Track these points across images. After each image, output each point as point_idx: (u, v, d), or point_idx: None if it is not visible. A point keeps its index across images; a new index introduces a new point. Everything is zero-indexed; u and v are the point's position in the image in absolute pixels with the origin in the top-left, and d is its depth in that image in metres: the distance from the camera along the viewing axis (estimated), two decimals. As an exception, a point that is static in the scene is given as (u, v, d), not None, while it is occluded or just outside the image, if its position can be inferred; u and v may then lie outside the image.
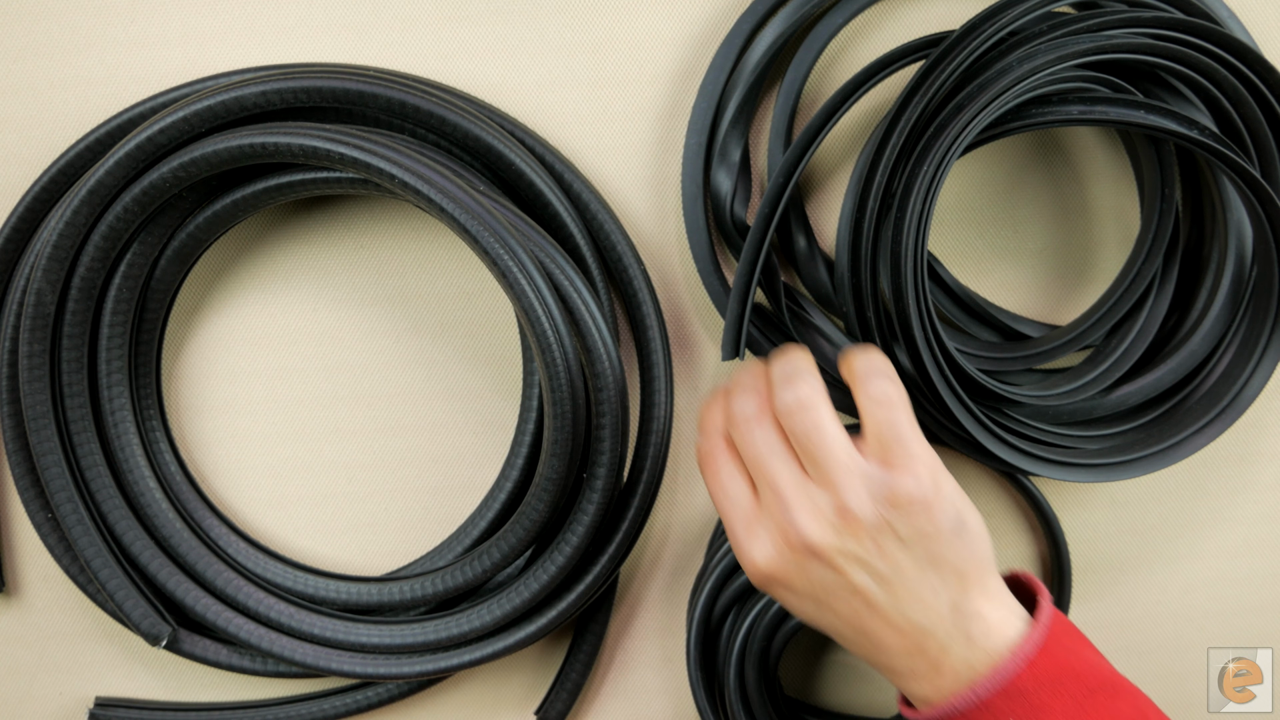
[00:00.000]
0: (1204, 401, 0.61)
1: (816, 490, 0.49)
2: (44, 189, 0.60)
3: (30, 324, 0.57)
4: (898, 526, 0.48)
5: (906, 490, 0.48)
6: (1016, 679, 0.48)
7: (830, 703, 0.67)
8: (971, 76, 0.56)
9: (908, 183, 0.56)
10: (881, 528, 0.48)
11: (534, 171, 0.59)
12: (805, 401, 0.49)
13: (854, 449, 0.49)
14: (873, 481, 0.48)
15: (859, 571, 0.48)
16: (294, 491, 0.65)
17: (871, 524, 0.48)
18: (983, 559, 0.50)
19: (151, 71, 0.61)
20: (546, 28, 0.62)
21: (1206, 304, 0.61)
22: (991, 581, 0.50)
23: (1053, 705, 0.48)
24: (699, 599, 0.61)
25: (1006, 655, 0.48)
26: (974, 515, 0.50)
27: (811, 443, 0.49)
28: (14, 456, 0.60)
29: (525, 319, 0.54)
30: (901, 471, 0.48)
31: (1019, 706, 0.48)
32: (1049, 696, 0.48)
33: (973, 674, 0.48)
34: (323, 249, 0.64)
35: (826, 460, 0.49)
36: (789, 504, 0.49)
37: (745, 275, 0.58)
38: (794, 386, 0.50)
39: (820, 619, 0.51)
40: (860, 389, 0.50)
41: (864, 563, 0.48)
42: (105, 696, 0.65)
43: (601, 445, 0.57)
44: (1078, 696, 0.48)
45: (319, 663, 0.61)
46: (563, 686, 0.64)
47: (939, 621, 0.49)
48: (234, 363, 0.64)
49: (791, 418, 0.49)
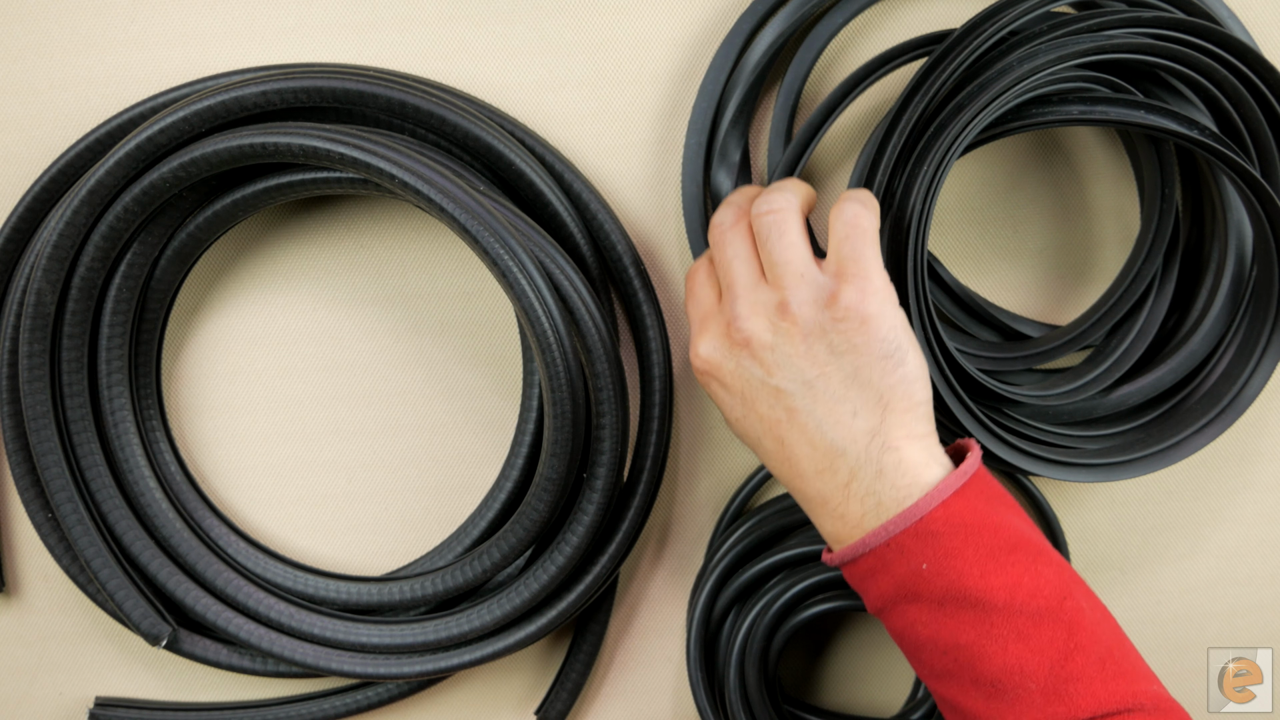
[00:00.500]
0: (1204, 401, 0.61)
1: (766, 290, 0.51)
2: (44, 189, 0.60)
3: (30, 324, 0.57)
4: (831, 334, 0.49)
5: (847, 300, 0.49)
6: (928, 519, 0.48)
7: (830, 703, 0.67)
8: (972, 76, 0.56)
9: (908, 182, 0.56)
10: (815, 331, 0.49)
11: (534, 171, 0.59)
12: (775, 206, 0.52)
13: (812, 260, 0.51)
14: (819, 288, 0.50)
15: (785, 372, 0.50)
16: (294, 491, 0.65)
17: (807, 325, 0.50)
18: (914, 399, 0.50)
19: (151, 71, 0.61)
20: (546, 28, 0.62)
21: (1206, 304, 0.61)
22: (919, 425, 0.50)
23: (964, 551, 0.48)
24: (699, 599, 0.61)
25: (919, 495, 0.48)
26: (916, 355, 0.50)
27: (770, 243, 0.51)
28: (14, 456, 0.60)
29: (525, 319, 0.54)
30: (849, 284, 0.50)
31: (929, 549, 0.48)
32: (961, 542, 0.48)
33: (881, 510, 0.49)
34: (323, 249, 0.64)
35: (781, 262, 0.50)
36: (737, 299, 0.51)
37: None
38: (770, 196, 0.52)
39: (745, 422, 0.52)
40: (834, 210, 0.52)
41: (792, 364, 0.50)
42: (105, 696, 0.65)
43: (601, 445, 0.57)
44: (994, 550, 0.48)
45: (319, 663, 0.61)
46: (563, 686, 0.64)
47: (853, 444, 0.49)
48: (234, 363, 0.64)
49: (759, 219, 0.52)
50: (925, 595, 0.48)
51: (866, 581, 0.50)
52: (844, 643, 0.67)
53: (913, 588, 0.48)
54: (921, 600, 0.49)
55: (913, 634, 0.49)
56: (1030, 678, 0.47)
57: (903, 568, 0.48)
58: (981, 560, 0.48)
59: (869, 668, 0.67)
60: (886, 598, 0.50)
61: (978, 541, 0.48)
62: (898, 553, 0.48)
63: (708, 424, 0.65)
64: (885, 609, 0.51)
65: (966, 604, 0.47)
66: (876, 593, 0.50)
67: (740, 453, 0.65)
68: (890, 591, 0.49)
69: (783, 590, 0.59)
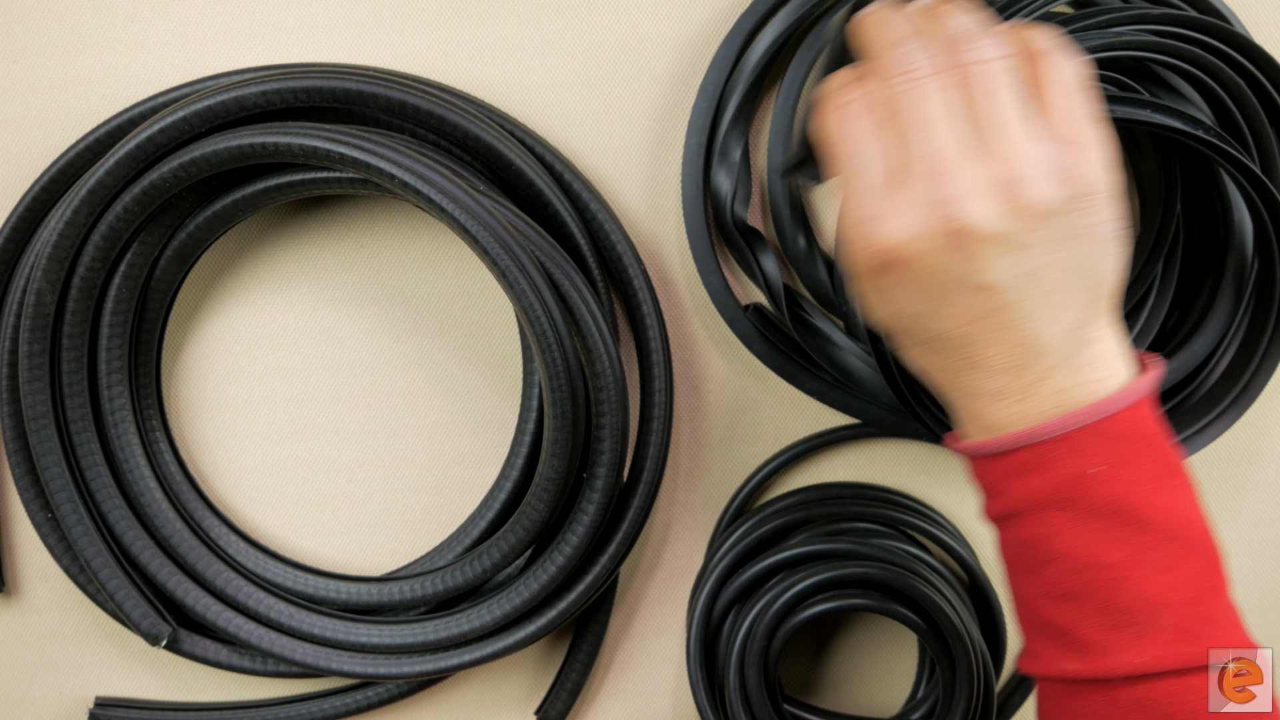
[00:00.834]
0: (1204, 402, 0.61)
1: (985, 163, 0.42)
2: (44, 189, 0.60)
3: (30, 324, 0.57)
4: (1069, 216, 0.42)
5: (1088, 176, 0.42)
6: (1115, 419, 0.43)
7: (830, 703, 0.67)
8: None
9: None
10: (1053, 213, 0.41)
11: (534, 171, 0.59)
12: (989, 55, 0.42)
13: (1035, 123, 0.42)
14: (1048, 160, 0.42)
15: (1002, 264, 0.42)
16: (294, 491, 0.65)
17: (1044, 206, 0.41)
18: (1117, 286, 0.44)
19: (151, 71, 0.61)
20: (546, 28, 0.62)
21: (1207, 304, 0.61)
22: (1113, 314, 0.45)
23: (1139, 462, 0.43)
24: (699, 599, 0.61)
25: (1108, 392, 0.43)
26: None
27: (986, 102, 0.42)
28: (14, 456, 0.60)
29: (525, 319, 0.54)
30: (1081, 152, 0.42)
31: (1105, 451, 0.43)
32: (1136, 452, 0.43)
33: (1063, 404, 0.43)
34: (323, 249, 0.64)
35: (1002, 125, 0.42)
36: (949, 173, 0.41)
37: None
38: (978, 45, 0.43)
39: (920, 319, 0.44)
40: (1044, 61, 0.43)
41: (1014, 255, 0.42)
42: (105, 696, 0.65)
43: (601, 445, 0.57)
44: (1164, 468, 0.44)
45: (319, 663, 0.61)
46: (563, 686, 0.64)
47: (1053, 341, 0.43)
48: (234, 363, 0.64)
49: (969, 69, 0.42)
50: (1082, 503, 0.43)
51: (1012, 479, 0.44)
52: (844, 643, 0.67)
53: (1070, 492, 0.43)
54: (1075, 508, 0.43)
55: (1047, 545, 0.44)
56: (1167, 610, 0.42)
57: (1068, 468, 0.43)
58: (1152, 476, 0.43)
59: (869, 668, 0.67)
60: (1032, 500, 0.44)
61: (1153, 455, 0.43)
62: (1069, 450, 0.43)
63: (708, 424, 0.65)
64: (1021, 513, 0.45)
65: (1127, 520, 0.43)
66: (1020, 493, 0.44)
67: (740, 453, 0.65)
68: (1041, 493, 0.44)
69: (783, 590, 0.59)
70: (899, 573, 0.58)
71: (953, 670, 0.59)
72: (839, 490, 0.65)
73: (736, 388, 0.64)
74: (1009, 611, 0.65)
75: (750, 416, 0.65)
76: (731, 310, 0.62)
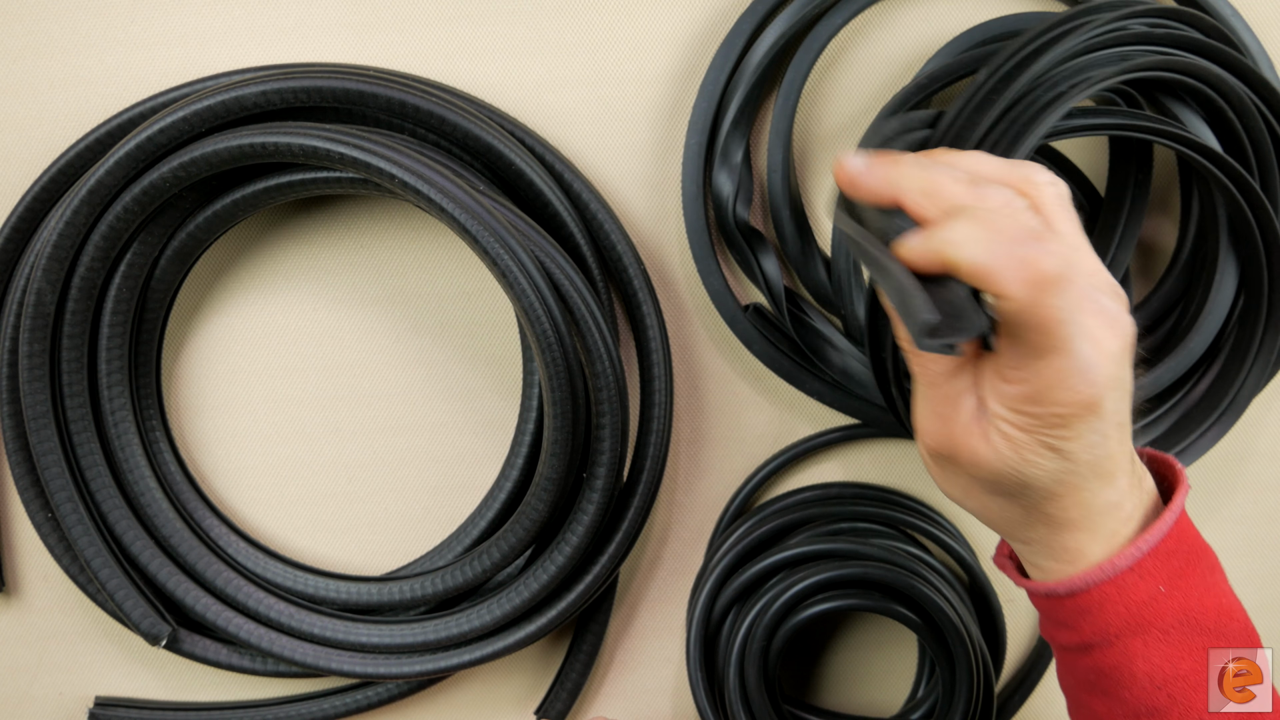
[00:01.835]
0: (1201, 408, 0.61)
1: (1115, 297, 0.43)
2: (44, 189, 0.60)
3: (30, 324, 0.57)
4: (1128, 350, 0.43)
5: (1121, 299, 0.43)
6: (1169, 536, 0.44)
7: (830, 703, 0.67)
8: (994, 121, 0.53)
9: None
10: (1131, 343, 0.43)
11: (534, 171, 0.59)
12: (1056, 180, 0.44)
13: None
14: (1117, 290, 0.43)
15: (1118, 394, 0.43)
16: (294, 491, 0.65)
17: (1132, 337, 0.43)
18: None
19: (151, 71, 0.61)
20: (546, 28, 0.62)
21: (1201, 303, 0.61)
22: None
23: (1190, 572, 0.45)
24: (699, 599, 0.61)
25: (1161, 511, 0.45)
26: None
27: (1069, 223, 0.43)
28: (14, 456, 0.60)
29: (525, 319, 0.54)
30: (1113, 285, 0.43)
31: (1167, 569, 0.44)
32: (1186, 563, 0.45)
33: (1130, 531, 0.45)
34: (323, 249, 0.64)
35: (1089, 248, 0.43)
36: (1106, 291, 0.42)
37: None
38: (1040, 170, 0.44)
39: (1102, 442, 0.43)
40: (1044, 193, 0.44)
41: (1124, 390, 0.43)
42: (105, 696, 0.65)
43: (601, 445, 0.57)
44: (1204, 572, 0.45)
45: (319, 663, 0.61)
46: (563, 686, 0.64)
47: (1122, 470, 0.44)
48: (234, 363, 0.64)
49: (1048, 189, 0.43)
50: (1154, 624, 0.44)
51: (1088, 614, 0.45)
52: (844, 643, 0.67)
53: (1143, 617, 0.44)
54: (1148, 631, 0.44)
55: (1126, 669, 0.45)
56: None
57: (1140, 594, 0.44)
58: (1202, 581, 0.45)
59: (869, 668, 0.67)
60: (1109, 631, 0.45)
61: (1199, 560, 0.45)
62: (1139, 577, 0.44)
63: (708, 424, 0.65)
64: (1098, 644, 0.45)
65: (1191, 630, 0.44)
66: (1096, 626, 0.45)
67: (740, 453, 0.65)
68: (1118, 624, 0.45)
69: (783, 590, 0.59)
70: (899, 573, 0.59)
71: (953, 670, 0.59)
72: (839, 490, 0.65)
73: (736, 388, 0.64)
74: (1009, 611, 0.65)
75: (750, 416, 0.65)
76: (731, 310, 0.62)
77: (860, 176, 0.45)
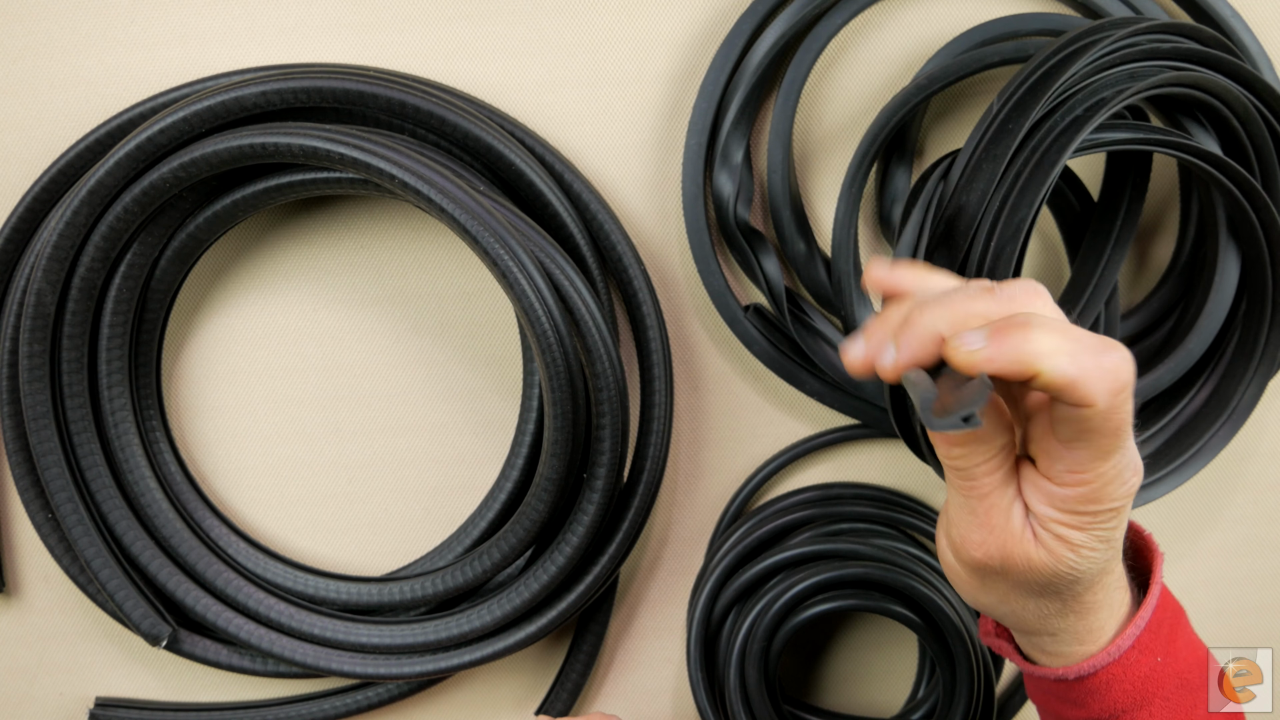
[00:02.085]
0: (1206, 412, 0.61)
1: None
2: (44, 189, 0.60)
3: (30, 324, 0.57)
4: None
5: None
6: (1160, 607, 0.46)
7: (830, 703, 0.67)
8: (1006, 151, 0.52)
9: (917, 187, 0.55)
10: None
11: (534, 171, 0.59)
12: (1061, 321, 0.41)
13: None
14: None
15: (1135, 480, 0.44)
16: (294, 492, 0.65)
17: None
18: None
19: (151, 71, 0.61)
20: (546, 28, 0.62)
21: (1200, 305, 0.61)
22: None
23: (1175, 635, 0.47)
24: (699, 599, 0.61)
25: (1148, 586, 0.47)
26: None
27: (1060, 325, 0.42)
28: (14, 456, 0.60)
29: (525, 319, 0.54)
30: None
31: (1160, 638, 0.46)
32: (1172, 629, 0.47)
33: (1126, 611, 0.46)
34: (323, 249, 0.64)
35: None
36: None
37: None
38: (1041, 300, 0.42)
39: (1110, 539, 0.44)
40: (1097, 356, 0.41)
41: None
42: (105, 696, 0.65)
43: (601, 445, 0.57)
44: (1182, 629, 0.48)
45: (319, 663, 0.61)
46: (563, 687, 0.64)
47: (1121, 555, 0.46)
48: (234, 363, 0.64)
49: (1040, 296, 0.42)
50: (1156, 695, 0.46)
51: (1098, 693, 0.47)
52: (844, 643, 0.67)
53: (1147, 689, 0.46)
54: (1152, 702, 0.46)
55: None
56: None
57: (1142, 669, 0.46)
58: (1185, 640, 0.47)
59: (869, 668, 0.67)
60: (1118, 707, 0.46)
61: (1178, 621, 0.47)
62: (1140, 652, 0.46)
63: (708, 424, 0.65)
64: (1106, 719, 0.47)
65: (1184, 689, 0.46)
66: (1105, 703, 0.47)
67: (740, 453, 0.65)
68: (1126, 699, 0.46)
69: (783, 590, 0.59)
70: (899, 573, 0.59)
71: (953, 670, 0.59)
72: (839, 490, 0.65)
73: (736, 388, 0.64)
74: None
75: (750, 416, 0.65)
76: (731, 310, 0.62)
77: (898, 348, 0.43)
